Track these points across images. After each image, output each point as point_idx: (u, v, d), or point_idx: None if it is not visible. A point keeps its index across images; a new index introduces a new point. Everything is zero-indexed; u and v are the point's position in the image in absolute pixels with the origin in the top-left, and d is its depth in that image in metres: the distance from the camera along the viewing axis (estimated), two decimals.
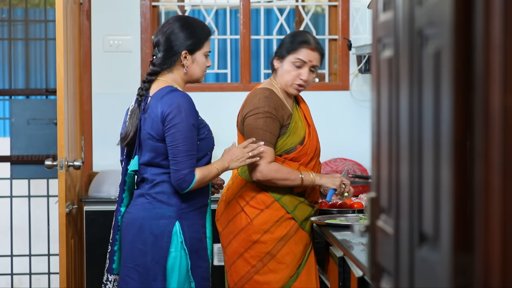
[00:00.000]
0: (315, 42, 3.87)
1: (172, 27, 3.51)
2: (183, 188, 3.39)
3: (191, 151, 3.39)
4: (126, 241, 3.52)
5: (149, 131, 3.44)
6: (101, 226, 5.02)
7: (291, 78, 3.83)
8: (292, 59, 3.82)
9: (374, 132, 2.24)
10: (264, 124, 3.72)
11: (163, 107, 3.40)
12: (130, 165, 3.53)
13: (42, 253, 6.22)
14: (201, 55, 3.55)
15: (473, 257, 1.53)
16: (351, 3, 5.59)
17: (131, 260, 3.48)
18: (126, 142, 3.53)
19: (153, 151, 3.45)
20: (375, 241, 2.19)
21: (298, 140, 3.82)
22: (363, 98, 5.64)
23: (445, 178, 1.60)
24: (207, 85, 6.00)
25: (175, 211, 3.46)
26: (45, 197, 6.15)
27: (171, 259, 3.43)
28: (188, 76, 3.56)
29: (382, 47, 2.18)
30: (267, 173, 3.72)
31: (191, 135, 3.39)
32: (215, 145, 3.61)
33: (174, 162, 3.38)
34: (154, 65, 3.53)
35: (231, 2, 5.89)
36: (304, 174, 3.77)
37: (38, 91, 6.58)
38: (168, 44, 3.50)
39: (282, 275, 3.78)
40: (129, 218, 3.52)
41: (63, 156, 4.63)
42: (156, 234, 3.44)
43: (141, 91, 3.52)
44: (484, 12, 1.49)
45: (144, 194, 3.50)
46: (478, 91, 1.51)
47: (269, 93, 3.80)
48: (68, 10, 4.93)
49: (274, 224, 3.79)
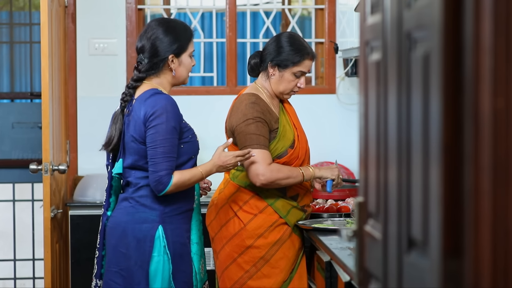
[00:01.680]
0: (312, 51, 3.88)
1: (156, 32, 3.49)
2: (159, 190, 3.36)
3: (170, 153, 3.36)
4: (110, 245, 3.49)
5: (132, 133, 3.42)
6: (86, 231, 4.99)
7: (291, 87, 3.84)
8: (295, 70, 3.81)
9: (362, 136, 2.22)
10: (256, 129, 3.70)
11: (146, 109, 3.39)
12: (114, 168, 3.51)
13: (27, 257, 6.17)
14: (187, 57, 3.55)
15: (463, 263, 1.52)
16: (337, 6, 5.58)
17: (115, 265, 3.45)
18: (111, 147, 3.51)
19: (137, 154, 3.43)
20: (363, 246, 2.17)
21: (288, 144, 3.81)
22: (349, 101, 5.63)
23: (434, 182, 1.58)
24: (193, 88, 5.98)
25: (158, 215, 3.43)
26: (30, 201, 6.11)
27: (154, 264, 3.40)
28: (175, 79, 3.55)
29: (370, 50, 2.17)
30: (270, 175, 3.70)
31: (171, 137, 3.37)
32: (200, 149, 3.59)
33: (152, 163, 3.36)
34: (139, 71, 3.51)
35: (217, 5, 5.88)
36: (303, 169, 3.77)
37: (23, 95, 6.54)
38: (154, 50, 3.48)
39: (276, 280, 3.76)
40: (112, 222, 3.50)
41: (48, 160, 4.59)
42: (139, 238, 3.41)
43: (125, 97, 3.50)
44: (474, 14, 1.47)
45: (127, 198, 3.48)
46: (468, 94, 1.50)
47: (255, 98, 3.78)
48: (53, 13, 4.89)
49: (268, 229, 3.77)
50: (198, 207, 3.61)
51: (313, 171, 3.80)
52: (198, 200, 3.61)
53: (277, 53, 3.82)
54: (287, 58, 3.80)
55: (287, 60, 3.80)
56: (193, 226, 3.57)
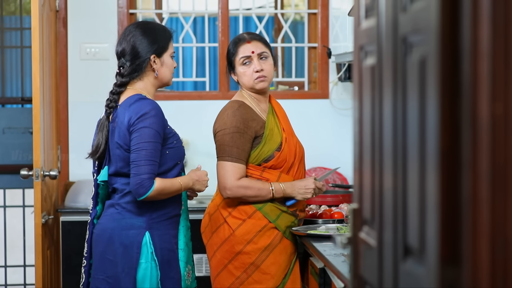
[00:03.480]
0: (248, 35, 3.90)
1: (135, 34, 3.47)
2: (140, 194, 3.31)
3: (153, 158, 3.32)
4: (96, 252, 3.45)
5: (117, 140, 3.38)
6: (78, 237, 4.95)
7: (249, 77, 3.83)
8: (238, 62, 3.83)
9: (356, 141, 2.20)
10: (231, 140, 3.69)
11: (130, 114, 3.35)
12: (100, 175, 3.47)
13: (18, 264, 6.13)
14: (168, 57, 3.53)
15: (460, 272, 1.49)
16: (330, 11, 5.56)
17: (101, 272, 3.41)
18: (98, 155, 3.47)
19: (122, 160, 3.39)
20: (358, 254, 2.14)
21: (275, 147, 3.78)
22: (343, 106, 5.60)
23: (432, 189, 1.55)
24: (186, 93, 5.94)
25: (145, 221, 3.39)
26: (21, 207, 6.06)
27: (142, 270, 3.36)
28: (159, 80, 3.52)
29: (364, 54, 2.14)
30: (236, 190, 3.69)
31: (154, 141, 3.33)
32: (193, 154, 3.56)
33: (134, 166, 3.32)
34: (122, 75, 3.48)
35: (209, 9, 5.84)
36: (274, 187, 3.74)
37: (13, 100, 6.51)
38: (135, 52, 3.46)
39: (267, 286, 3.73)
40: (99, 229, 3.46)
41: (39, 166, 4.56)
42: (126, 245, 3.37)
43: (110, 103, 3.46)
44: (472, 18, 1.44)
45: (114, 204, 3.45)
46: (466, 99, 1.47)
47: (239, 105, 3.76)
48: (44, 18, 4.86)
49: (257, 234, 3.75)
50: (186, 213, 3.56)
51: (284, 191, 3.76)
52: (186, 206, 3.57)
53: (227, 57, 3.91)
54: (228, 59, 3.90)
55: (228, 60, 3.89)
56: (180, 231, 3.53)
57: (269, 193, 3.73)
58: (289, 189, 3.77)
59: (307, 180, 3.83)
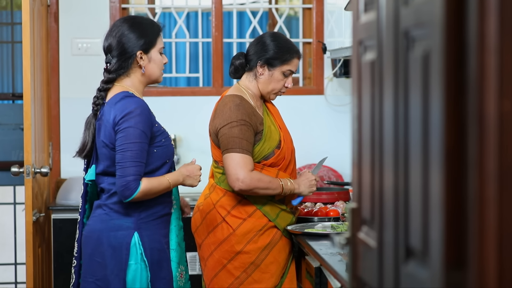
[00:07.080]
0: (298, 49, 3.87)
1: (122, 29, 3.39)
2: (126, 196, 3.24)
3: (138, 158, 3.25)
4: (85, 254, 3.39)
5: (103, 139, 3.32)
6: (69, 235, 4.89)
7: (279, 87, 3.80)
8: (284, 69, 3.78)
9: (355, 139, 2.14)
10: (240, 132, 3.62)
11: (115, 113, 3.28)
12: (87, 175, 3.41)
13: (9, 262, 6.08)
14: (156, 53, 3.43)
15: (466, 275, 1.44)
16: (325, 6, 5.51)
17: (90, 275, 3.34)
18: (84, 154, 3.41)
19: (108, 159, 3.32)
20: (356, 254, 2.09)
21: (275, 144, 3.74)
22: (338, 102, 5.56)
23: (436, 188, 1.50)
24: (179, 89, 5.89)
25: (134, 222, 3.32)
26: (11, 204, 6.01)
27: (131, 272, 3.30)
28: (147, 77, 3.43)
29: (363, 49, 2.08)
30: (250, 182, 3.61)
31: (140, 142, 3.26)
32: (186, 150, 3.50)
33: (120, 167, 3.25)
34: (109, 72, 3.41)
35: (203, 4, 5.79)
36: (283, 182, 3.68)
37: (4, 96, 6.44)
38: (121, 47, 3.38)
39: (267, 285, 3.69)
40: (87, 230, 3.40)
41: (30, 163, 4.50)
42: (114, 246, 3.30)
43: (97, 100, 3.40)
44: (478, 11, 1.39)
45: (101, 205, 3.38)
46: (472, 96, 1.41)
47: (240, 100, 3.70)
48: (35, 13, 4.80)
49: (258, 233, 3.70)
50: (178, 212, 3.49)
51: (292, 187, 3.71)
52: (178, 205, 3.50)
53: (265, 52, 3.77)
54: (277, 57, 3.76)
55: (277, 58, 3.76)
56: (172, 231, 3.46)
57: (279, 187, 3.67)
58: (296, 184, 3.73)
59: (305, 174, 3.80)
